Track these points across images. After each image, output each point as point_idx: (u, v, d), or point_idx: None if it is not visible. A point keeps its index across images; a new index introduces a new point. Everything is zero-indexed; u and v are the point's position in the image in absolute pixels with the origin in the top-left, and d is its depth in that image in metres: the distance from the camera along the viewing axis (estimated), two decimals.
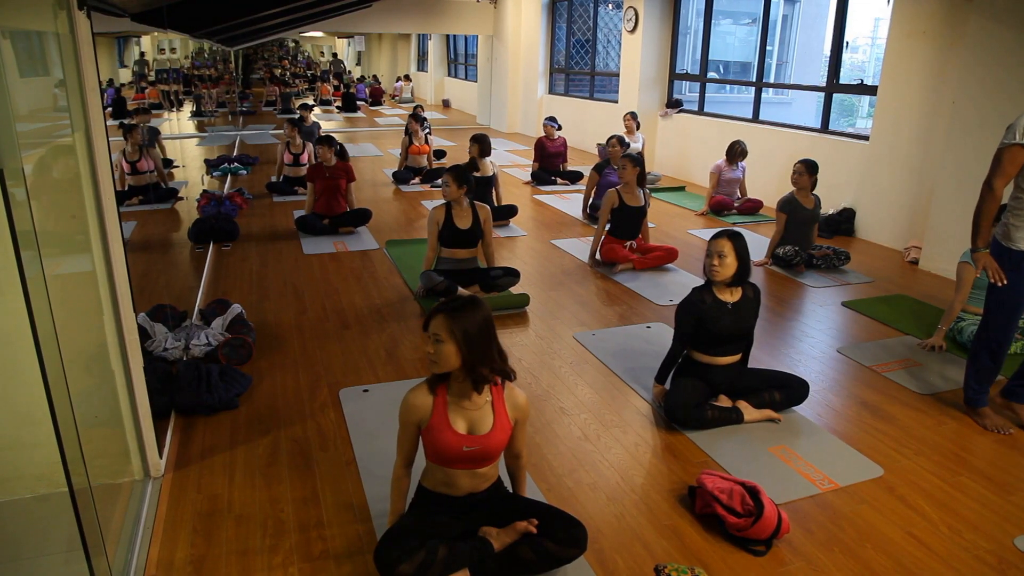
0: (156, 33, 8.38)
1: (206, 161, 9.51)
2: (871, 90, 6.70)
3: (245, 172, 9.28)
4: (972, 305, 4.20)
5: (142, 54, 9.51)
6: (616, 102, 10.70)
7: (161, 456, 2.82)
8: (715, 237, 3.22)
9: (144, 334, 3.76)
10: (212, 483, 2.76)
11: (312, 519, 2.56)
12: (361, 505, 2.64)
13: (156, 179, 7.26)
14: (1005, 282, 3.09)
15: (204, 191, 7.13)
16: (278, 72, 27.34)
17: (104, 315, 2.51)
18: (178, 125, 11.00)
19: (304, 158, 8.11)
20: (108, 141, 2.49)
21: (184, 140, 11.09)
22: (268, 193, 8.04)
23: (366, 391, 3.52)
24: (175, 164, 9.16)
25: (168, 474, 2.81)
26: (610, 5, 12.70)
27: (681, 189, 8.80)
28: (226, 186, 8.37)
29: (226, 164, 9.28)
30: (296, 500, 2.67)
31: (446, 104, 20.53)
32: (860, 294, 5.12)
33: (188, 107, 11.34)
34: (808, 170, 5.52)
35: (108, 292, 2.51)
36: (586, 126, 11.73)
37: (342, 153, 6.74)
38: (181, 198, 7.40)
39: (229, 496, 2.68)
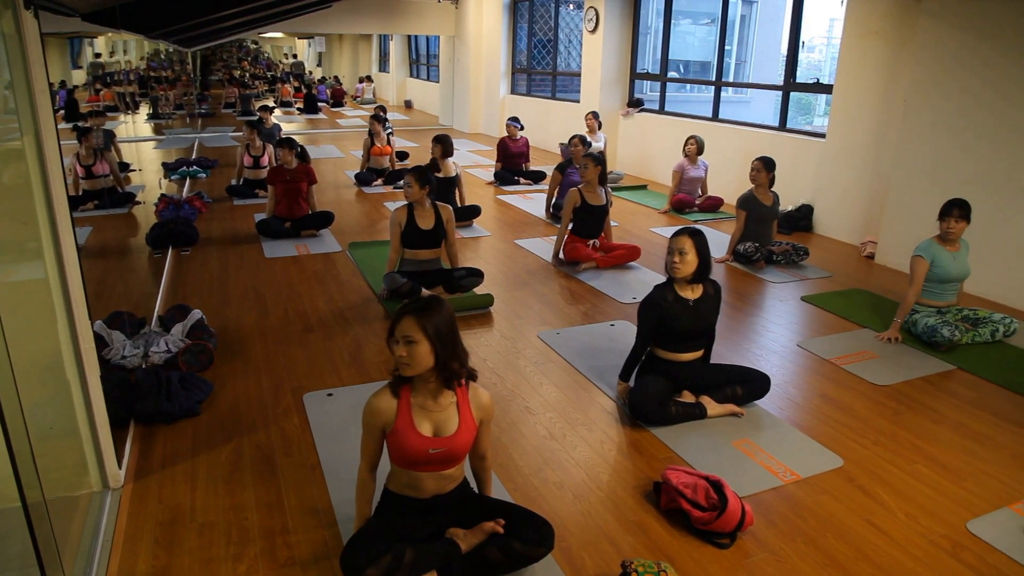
0: (110, 34, 8.21)
1: (164, 164, 9.35)
2: (827, 89, 6.82)
3: (204, 175, 9.13)
4: (925, 298, 4.31)
5: (97, 55, 9.31)
6: (578, 102, 10.75)
7: (120, 466, 2.77)
8: (676, 235, 3.25)
9: (101, 342, 3.68)
10: (174, 492, 2.72)
11: (277, 525, 2.53)
12: (327, 510, 2.62)
13: (112, 183, 7.12)
14: None
15: (162, 195, 7.02)
16: (237, 74, 26.97)
17: (58, 323, 2.45)
18: (134, 128, 10.80)
19: (264, 160, 8.01)
20: (60, 144, 2.43)
21: (141, 143, 10.89)
22: (228, 196, 7.93)
23: (330, 395, 3.49)
24: (132, 168, 8.98)
25: (128, 485, 2.76)
26: (571, 5, 12.76)
27: (643, 188, 8.87)
28: (185, 189, 8.24)
29: (184, 167, 9.13)
30: (260, 507, 2.64)
31: (408, 105, 20.44)
32: (819, 289, 5.21)
33: (145, 109, 11.13)
34: (766, 167, 5.61)
35: (62, 300, 2.45)
36: (548, 126, 11.77)
37: (303, 155, 6.68)
38: (138, 202, 7.26)
39: (191, 505, 2.64)
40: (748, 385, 3.40)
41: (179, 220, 6.15)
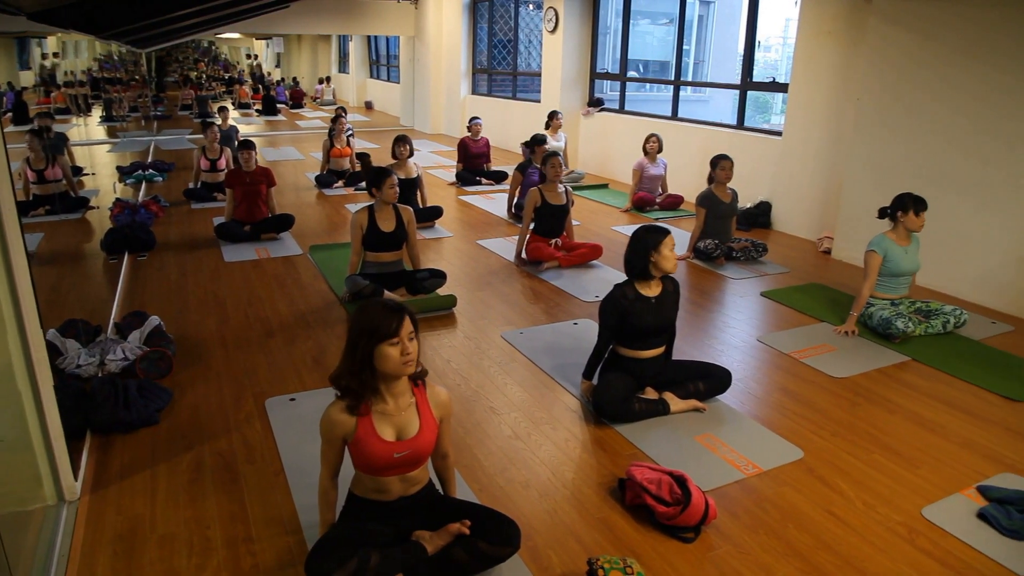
0: (60, 34, 8.02)
1: (119, 168, 9.15)
2: (783, 88, 6.94)
3: (161, 179, 8.97)
4: (879, 291, 4.40)
5: (45, 56, 9.08)
6: (539, 102, 10.78)
7: (76, 478, 2.71)
8: (661, 231, 3.29)
9: (54, 351, 3.60)
10: (132, 504, 2.66)
11: (240, 534, 2.50)
12: (291, 516, 2.59)
13: (65, 188, 6.96)
14: None
15: (117, 199, 6.86)
16: (194, 75, 26.53)
17: (8, 333, 2.39)
18: (87, 131, 10.56)
19: (222, 163, 7.90)
20: (6, 148, 2.37)
21: (94, 146, 10.65)
22: (186, 200, 7.80)
23: (293, 400, 3.46)
24: (85, 172, 8.78)
25: (84, 497, 2.70)
26: (531, 5, 12.79)
27: (604, 187, 8.93)
28: (141, 194, 8.08)
29: (140, 171, 8.95)
30: (223, 515, 2.60)
31: (369, 106, 20.31)
32: (778, 284, 5.30)
33: (98, 112, 10.89)
34: (732, 164, 5.70)
35: (11, 308, 2.39)
36: (509, 126, 11.78)
37: (245, 143, 6.47)
38: (92, 207, 7.10)
39: (151, 516, 2.59)
40: (710, 380, 3.45)
41: (135, 225, 6.03)
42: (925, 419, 3.39)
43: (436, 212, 6.87)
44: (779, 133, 6.97)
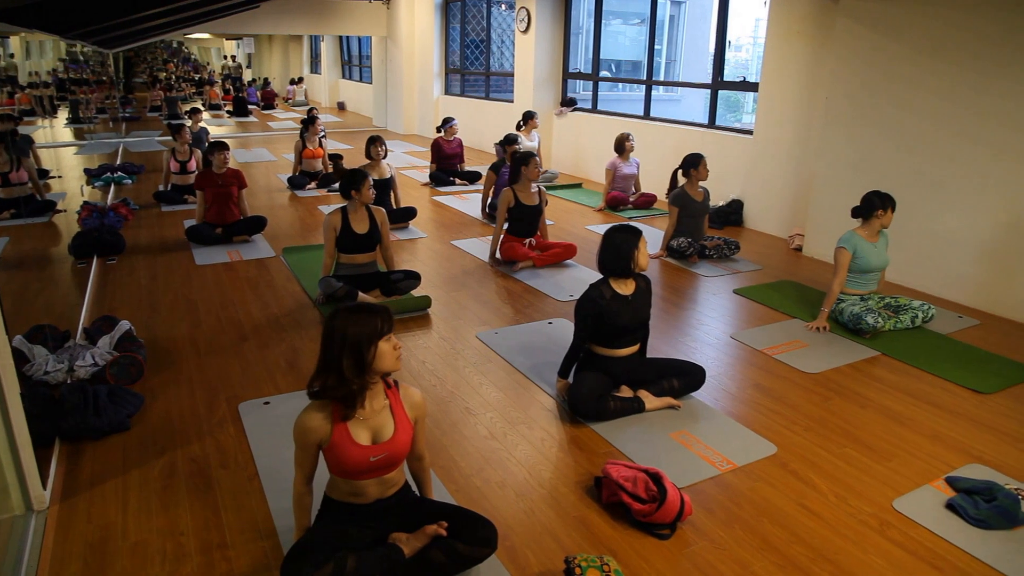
0: (23, 34, 7.88)
1: (86, 171, 9.02)
2: (753, 87, 7.01)
3: (130, 181, 8.85)
4: (849, 287, 4.47)
5: (11, 56, 8.92)
6: (512, 102, 10.79)
7: (45, 487, 2.66)
8: (636, 231, 3.31)
9: (21, 358, 3.54)
10: (104, 512, 2.62)
11: (214, 540, 2.47)
12: (266, 521, 2.57)
13: (31, 191, 6.84)
14: None
15: (85, 202, 6.76)
16: (163, 76, 26.18)
17: None
18: (53, 133, 10.39)
19: (192, 165, 7.80)
20: None
21: (61, 149, 10.48)
22: (156, 203, 7.69)
23: (267, 403, 3.43)
24: (51, 174, 8.65)
25: (54, 506, 2.65)
26: (503, 6, 12.78)
27: (578, 186, 8.96)
28: (109, 197, 7.96)
29: (109, 173, 8.82)
30: (196, 522, 2.57)
31: (342, 107, 20.19)
32: (750, 281, 5.35)
33: (64, 113, 10.72)
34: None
35: None
36: (482, 126, 11.78)
37: (214, 146, 6.37)
38: (60, 210, 6.99)
39: (123, 524, 2.56)
40: (684, 378, 3.47)
41: (104, 228, 5.94)
42: (895, 412, 3.45)
43: (410, 213, 6.85)
44: (750, 132, 7.04)
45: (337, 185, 5.40)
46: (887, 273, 4.93)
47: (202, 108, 14.10)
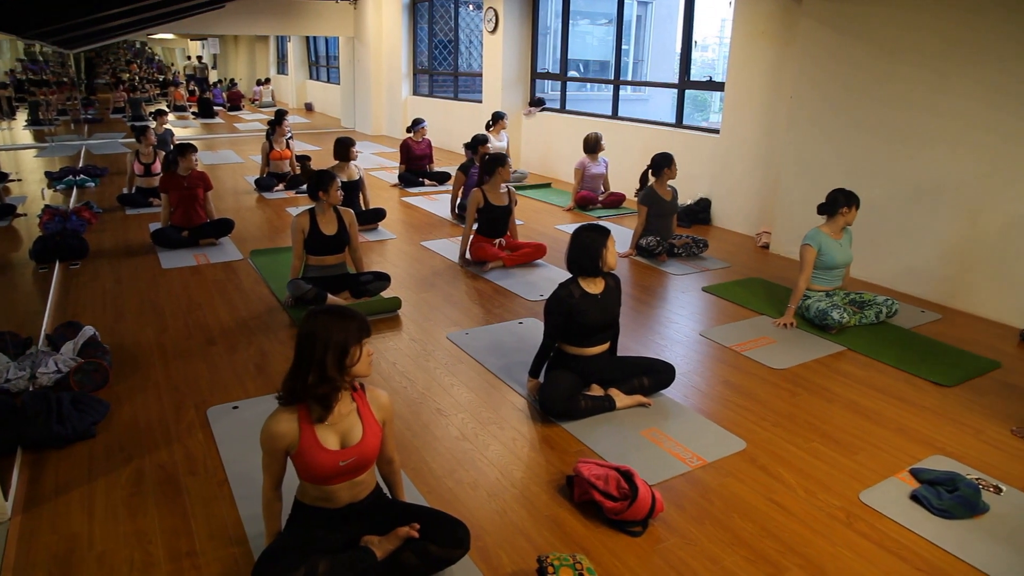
0: None
1: (48, 174, 8.83)
2: (719, 86, 7.08)
3: (93, 184, 8.69)
4: (815, 283, 4.53)
5: None
6: (480, 102, 10.79)
7: (7, 498, 2.61)
8: (604, 230, 3.32)
9: None
10: (69, 522, 2.58)
11: (183, 547, 2.44)
12: (236, 527, 2.55)
13: None
14: None
15: (47, 206, 6.63)
16: (126, 77, 25.75)
17: None
18: (11, 135, 10.16)
19: (156, 167, 7.68)
20: None
21: (20, 151, 10.26)
22: (120, 206, 7.56)
23: (236, 408, 3.39)
24: (11, 177, 8.45)
25: (16, 517, 2.60)
26: (471, 6, 12.77)
27: (547, 186, 8.98)
28: (72, 200, 7.82)
29: (71, 176, 8.66)
30: (165, 529, 2.53)
31: (309, 108, 20.02)
32: (718, 279, 5.41)
33: (23, 115, 10.48)
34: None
35: None
36: (451, 126, 11.76)
37: (175, 161, 6.27)
38: (20, 214, 6.83)
39: (89, 534, 2.51)
40: (654, 375, 3.50)
41: (66, 232, 5.84)
42: (861, 407, 3.50)
43: (379, 214, 6.82)
44: (717, 131, 7.11)
45: (305, 187, 5.36)
46: (852, 269, 5.02)
47: (167, 110, 13.88)
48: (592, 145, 7.48)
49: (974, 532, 2.58)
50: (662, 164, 5.74)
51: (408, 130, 8.92)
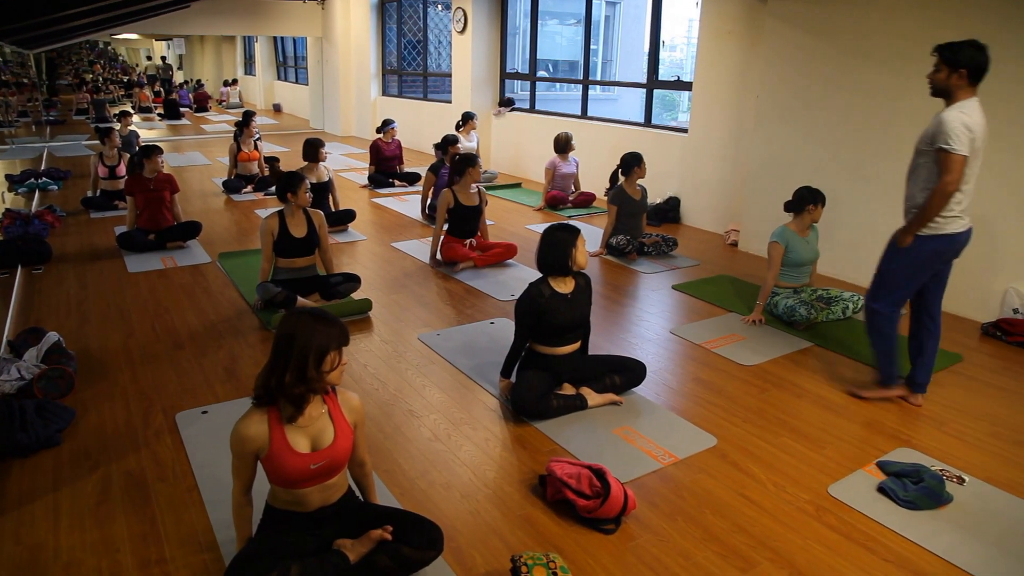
0: None
1: (8, 177, 8.65)
2: (687, 86, 7.14)
3: (56, 187, 8.53)
4: (783, 280, 4.59)
5: None
6: (450, 102, 10.77)
7: None
8: (574, 229, 3.34)
9: None
10: (33, 531, 2.53)
11: (153, 555, 2.41)
12: (206, 533, 2.52)
13: None
14: None
15: (7, 210, 6.50)
16: (89, 77, 25.30)
17: None
18: None
19: (121, 170, 7.56)
20: None
21: None
22: (84, 209, 7.43)
23: (205, 412, 3.35)
24: None
25: None
26: (439, 6, 12.75)
27: (517, 186, 8.99)
28: (34, 203, 7.66)
29: (33, 179, 8.49)
30: (134, 537, 2.50)
31: (277, 108, 19.83)
32: (688, 277, 5.45)
33: None
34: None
35: None
36: (421, 127, 11.72)
37: (140, 163, 6.18)
38: None
39: (55, 544, 2.46)
40: (626, 374, 3.52)
41: (28, 237, 5.73)
42: (829, 401, 3.56)
43: (349, 216, 6.78)
44: (685, 130, 7.17)
45: (274, 188, 5.31)
46: (818, 266, 5.09)
47: (132, 111, 13.66)
48: (562, 145, 7.51)
49: (939, 522, 2.63)
50: (631, 163, 5.79)
51: (378, 131, 8.88)
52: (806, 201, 4.46)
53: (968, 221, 3.31)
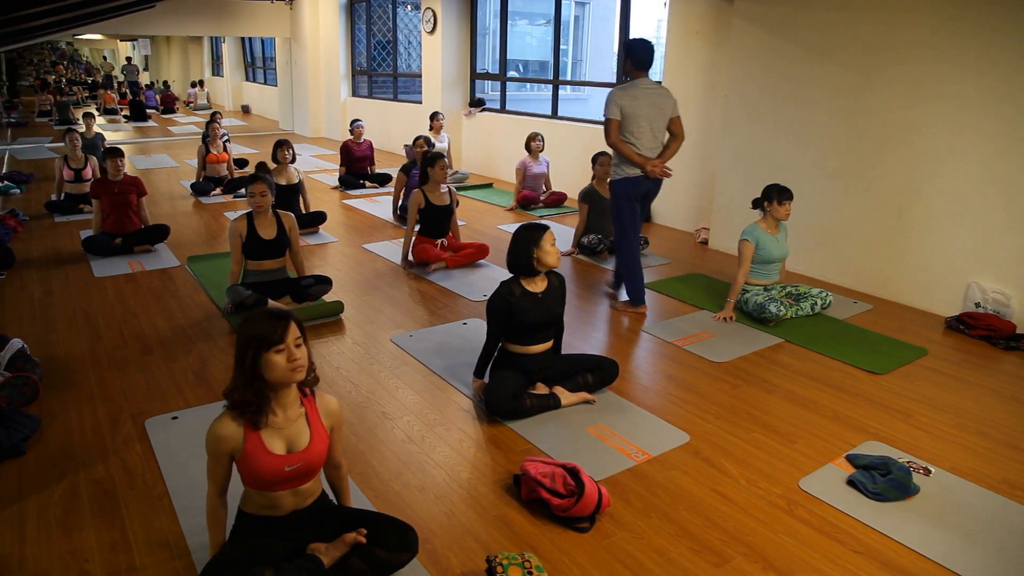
0: None
1: None
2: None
3: (18, 191, 8.37)
4: (753, 278, 4.65)
5: None
6: (420, 103, 10.74)
7: None
8: (540, 228, 3.34)
9: None
10: None
11: (123, 564, 2.37)
12: (178, 540, 2.48)
13: None
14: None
15: None
16: (52, 79, 24.85)
17: None
18: None
19: (87, 173, 7.44)
20: None
21: None
22: (48, 213, 7.30)
23: (175, 418, 3.30)
24: None
25: None
26: (408, 6, 12.70)
27: (489, 186, 9.00)
28: None
29: None
30: (103, 546, 2.45)
31: (246, 110, 19.62)
32: (659, 275, 5.49)
33: None
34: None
35: None
36: (391, 127, 11.68)
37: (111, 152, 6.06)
38: None
39: (20, 555, 2.42)
40: (598, 372, 3.54)
41: None
42: (799, 396, 3.61)
43: (320, 217, 6.73)
44: None
45: (243, 191, 5.26)
46: (788, 263, 5.16)
47: (96, 113, 13.44)
48: (530, 145, 7.52)
49: (907, 513, 2.68)
50: (593, 162, 5.82)
51: (351, 132, 8.84)
52: (773, 198, 4.51)
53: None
